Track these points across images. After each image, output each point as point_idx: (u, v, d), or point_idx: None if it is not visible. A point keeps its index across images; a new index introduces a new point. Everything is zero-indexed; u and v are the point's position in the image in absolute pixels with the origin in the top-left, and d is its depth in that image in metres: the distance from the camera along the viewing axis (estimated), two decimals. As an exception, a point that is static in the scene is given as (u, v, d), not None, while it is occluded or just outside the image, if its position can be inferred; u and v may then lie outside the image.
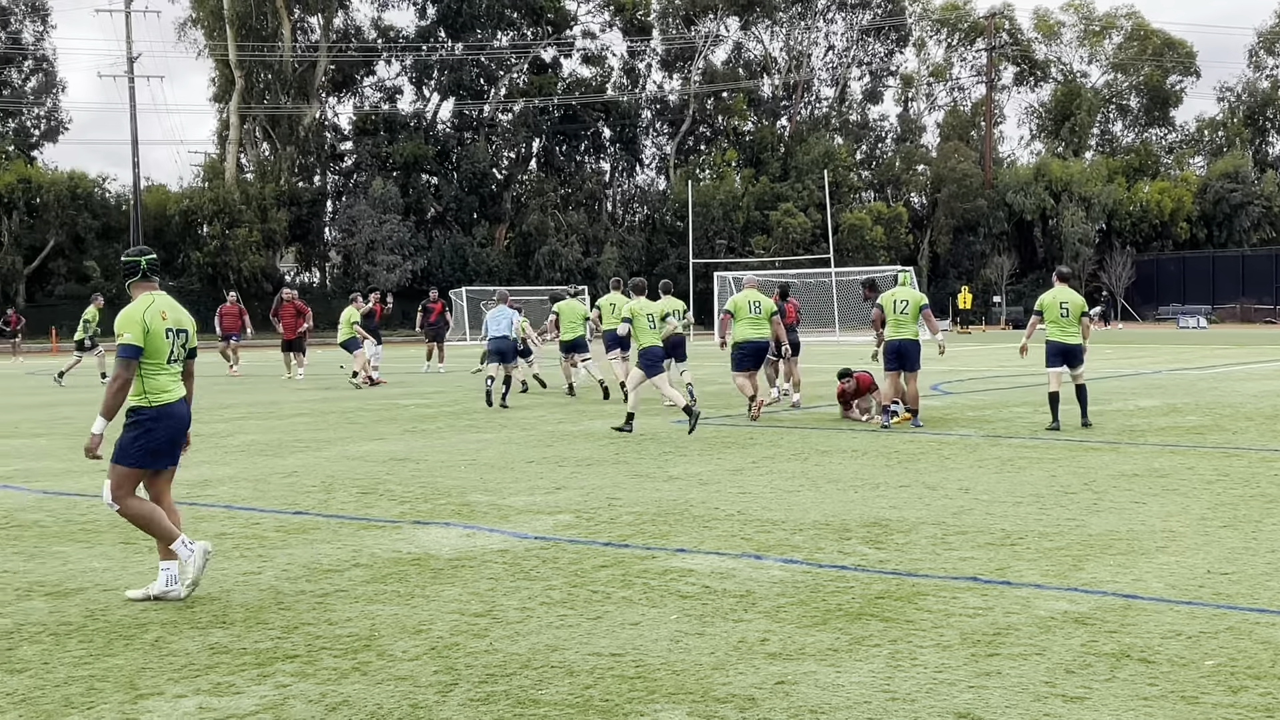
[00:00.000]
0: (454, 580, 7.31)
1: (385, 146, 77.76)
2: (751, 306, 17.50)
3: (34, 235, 69.83)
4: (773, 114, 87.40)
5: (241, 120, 76.16)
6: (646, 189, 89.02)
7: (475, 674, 5.50)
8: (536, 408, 19.59)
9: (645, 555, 7.96)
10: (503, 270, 76.99)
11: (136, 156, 68.88)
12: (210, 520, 9.41)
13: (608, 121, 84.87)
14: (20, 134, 75.96)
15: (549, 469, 12.24)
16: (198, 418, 18.46)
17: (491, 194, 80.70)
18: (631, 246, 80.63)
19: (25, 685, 5.38)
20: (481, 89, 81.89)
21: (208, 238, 70.81)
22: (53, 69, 76.79)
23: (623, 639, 6.02)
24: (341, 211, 77.48)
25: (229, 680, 5.45)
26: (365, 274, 71.30)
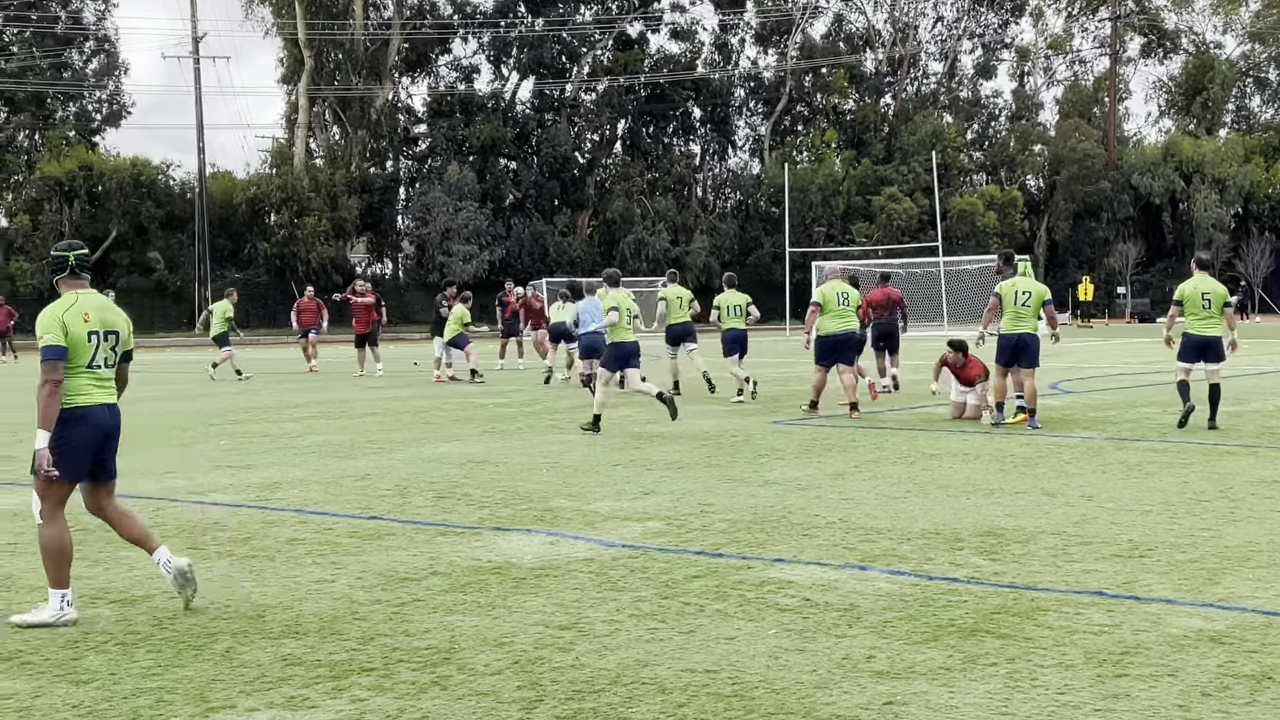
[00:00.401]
0: (537, 590, 7.36)
1: (461, 129, 78.32)
2: (840, 298, 17.67)
3: (95, 225, 71.13)
4: (876, 91, 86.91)
5: (311, 102, 77.10)
6: (739, 173, 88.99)
7: (561, 690, 5.54)
8: (623, 407, 19.64)
9: (741, 565, 7.96)
10: (585, 261, 77.23)
11: (202, 142, 70.01)
12: (281, 525, 9.55)
13: (698, 101, 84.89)
14: (81, 118, 77.41)
15: (636, 473, 12.27)
16: (265, 417, 18.78)
17: (574, 179, 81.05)
18: (723, 235, 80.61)
19: (92, 697, 5.50)
20: (563, 67, 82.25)
21: (275, 227, 71.72)
22: (114, 50, 78.18)
23: (718, 654, 6.03)
24: (415, 199, 78.21)
25: (303, 693, 5.53)
26: (440, 265, 71.97)
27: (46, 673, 5.84)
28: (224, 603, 7.12)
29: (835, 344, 17.61)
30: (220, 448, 14.94)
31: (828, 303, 17.63)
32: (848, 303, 17.72)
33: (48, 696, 5.51)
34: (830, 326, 17.59)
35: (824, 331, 17.62)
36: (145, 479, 12.28)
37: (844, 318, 17.66)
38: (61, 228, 69.32)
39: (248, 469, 12.95)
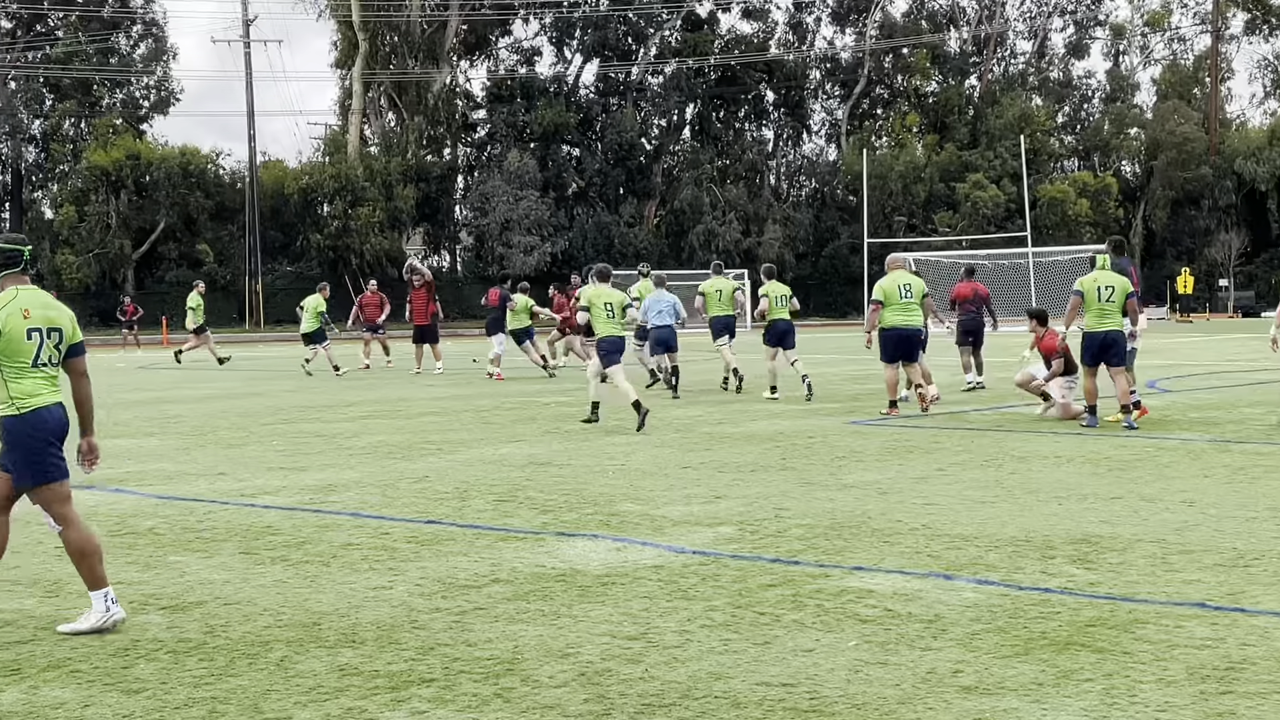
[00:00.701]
0: (604, 599, 7.37)
1: (522, 115, 78.57)
2: (902, 291, 17.74)
3: (143, 216, 71.97)
4: (960, 72, 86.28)
5: (365, 88, 77.60)
6: (815, 159, 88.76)
7: (629, 703, 5.55)
8: (692, 406, 19.65)
9: (818, 573, 7.94)
10: (652, 252, 77.20)
11: (252, 129, 70.72)
12: (336, 529, 9.64)
13: (771, 84, 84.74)
14: (128, 105, 78.30)
15: (707, 475, 12.27)
16: (318, 417, 18.94)
17: (640, 167, 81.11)
18: (797, 224, 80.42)
19: (143, 707, 5.57)
20: (629, 49, 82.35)
21: (328, 218, 72.22)
22: (163, 34, 79.03)
23: (794, 667, 6.02)
24: (473, 188, 78.57)
25: (360, 705, 5.57)
26: (499, 257, 72.24)
27: (96, 681, 5.92)
28: (278, 609, 7.19)
29: (900, 339, 17.72)
30: (273, 448, 15.09)
31: (889, 297, 17.73)
32: (910, 295, 17.79)
33: (97, 706, 5.58)
34: (894, 321, 17.70)
35: (887, 325, 17.74)
36: (195, 480, 12.42)
37: (907, 311, 17.78)
38: (108, 219, 70.20)
39: (301, 470, 13.07)
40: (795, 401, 20.08)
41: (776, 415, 18.05)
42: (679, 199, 79.01)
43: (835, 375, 26.21)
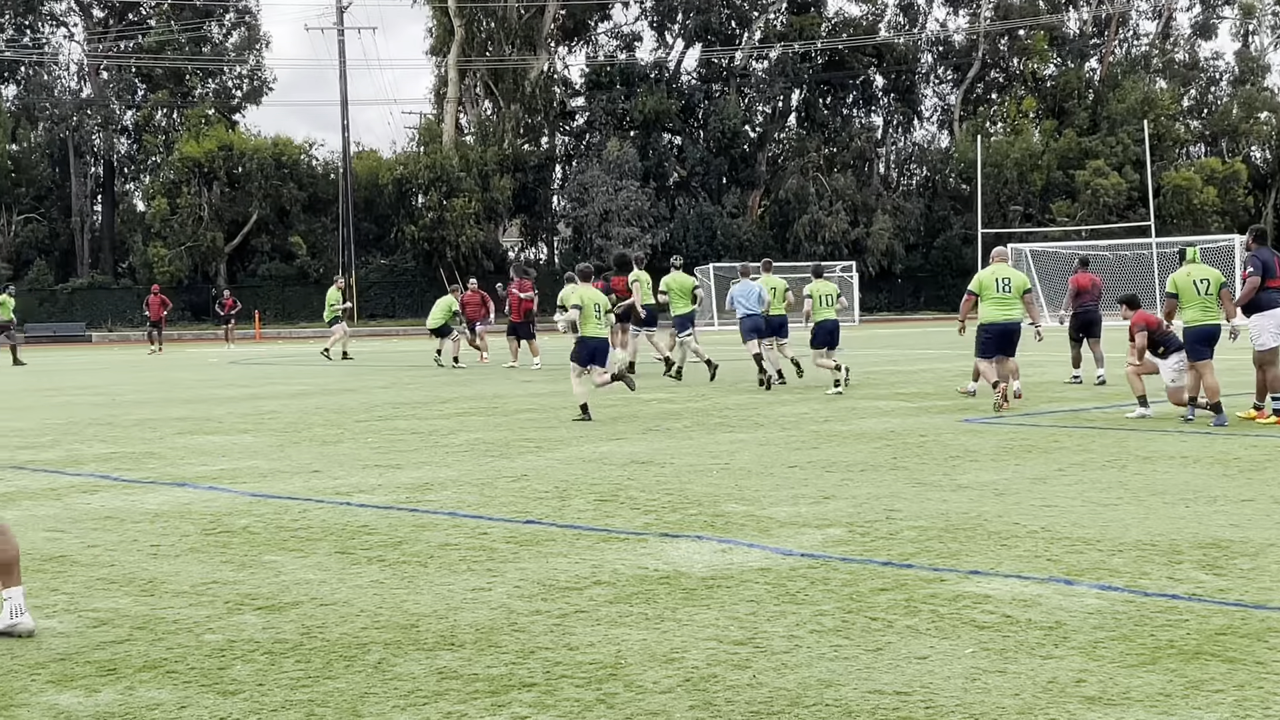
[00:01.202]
0: (709, 602, 7.37)
1: (622, 102, 78.76)
2: (1000, 284, 17.97)
3: (235, 208, 72.97)
4: (1080, 55, 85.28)
5: (461, 75, 78.17)
6: (926, 147, 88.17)
7: (737, 711, 5.54)
8: (798, 403, 19.59)
9: (932, 577, 7.88)
10: (756, 243, 77.14)
11: (346, 119, 71.45)
12: (433, 529, 9.71)
13: (880, 68, 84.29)
14: (221, 95, 79.44)
15: (815, 475, 12.23)
16: (413, 413, 19.11)
17: (743, 155, 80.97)
18: (907, 214, 79.96)
19: (239, 709, 5.65)
20: (732, 33, 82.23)
21: (423, 209, 72.81)
22: (256, 23, 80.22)
23: (909, 675, 5.98)
24: (572, 178, 78.84)
25: (460, 709, 5.61)
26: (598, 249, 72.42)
27: (193, 682, 6.01)
28: (375, 611, 7.27)
29: (998, 333, 17.98)
30: (368, 445, 15.24)
31: (985, 289, 17.99)
32: (1009, 289, 17.99)
33: (194, 707, 5.67)
34: (991, 315, 17.97)
35: (985, 320, 18.01)
36: (290, 478, 12.58)
37: (1005, 305, 17.99)
38: (200, 211, 71.28)
39: (397, 468, 13.19)
40: (906, 399, 19.96)
41: (886, 413, 17.95)
42: (784, 188, 78.85)
43: (948, 371, 25.99)
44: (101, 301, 72.06)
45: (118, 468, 13.61)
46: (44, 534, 9.75)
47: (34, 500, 11.46)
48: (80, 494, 11.79)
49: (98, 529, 9.93)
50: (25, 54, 78.03)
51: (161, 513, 10.60)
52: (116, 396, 24.03)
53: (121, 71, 78.54)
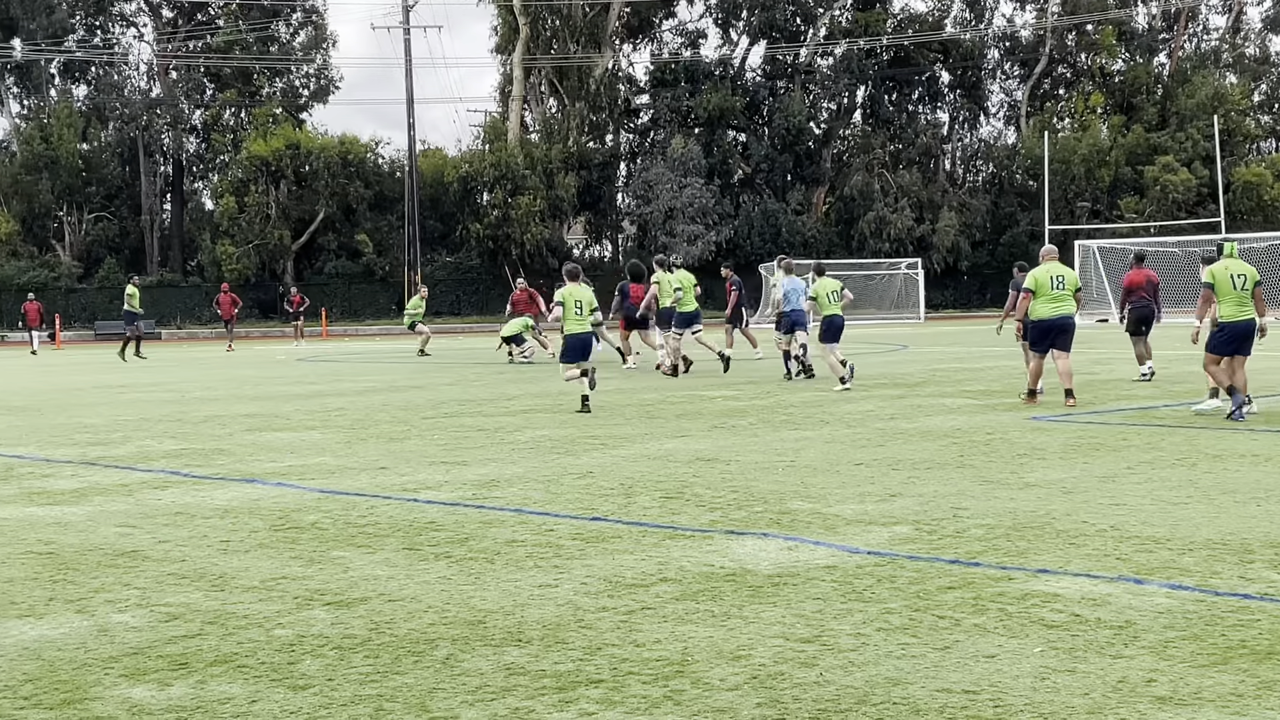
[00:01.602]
0: (775, 600, 7.37)
1: (686, 99, 78.72)
2: (1054, 282, 18.25)
3: (302, 207, 73.49)
4: (1148, 49, 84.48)
5: (526, 73, 78.39)
6: (992, 143, 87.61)
7: (804, 709, 5.54)
8: (864, 400, 19.53)
9: (1000, 576, 7.84)
10: (821, 241, 76.98)
11: (412, 117, 71.78)
12: (500, 525, 9.75)
13: (946, 64, 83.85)
14: (288, 94, 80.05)
15: (881, 472, 12.19)
16: (479, 410, 19.19)
17: (808, 152, 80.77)
18: (973, 211, 79.50)
19: (309, 703, 5.69)
20: (797, 30, 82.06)
21: (488, 207, 73.06)
22: (323, 22, 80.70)
23: (977, 674, 5.96)
24: (636, 175, 78.89)
25: (528, 705, 5.64)
26: (662, 246, 72.41)
27: (263, 677, 6.07)
28: (443, 607, 7.31)
29: (1049, 329, 18.23)
30: (434, 442, 15.32)
31: (1040, 287, 18.23)
32: (1062, 286, 18.27)
33: (264, 702, 5.72)
34: (1043, 311, 18.23)
35: (1037, 316, 18.27)
36: (357, 475, 12.66)
37: (1058, 302, 18.21)
38: (268, 209, 71.83)
39: (463, 465, 13.25)
40: (973, 396, 19.86)
41: (952, 411, 17.87)
42: (849, 185, 78.59)
43: (1014, 369, 25.82)
44: (171, 299, 72.76)
45: (188, 464, 13.76)
46: (116, 529, 9.87)
47: (106, 496, 11.60)
48: (151, 490, 11.92)
49: (168, 524, 10.04)
50: (96, 54, 78.92)
51: (231, 509, 10.71)
52: (186, 393, 24.27)
53: (190, 71, 79.30)
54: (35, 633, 6.90)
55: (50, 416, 19.94)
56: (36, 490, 12.04)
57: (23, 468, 13.75)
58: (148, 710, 5.62)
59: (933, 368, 25.76)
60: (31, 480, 12.75)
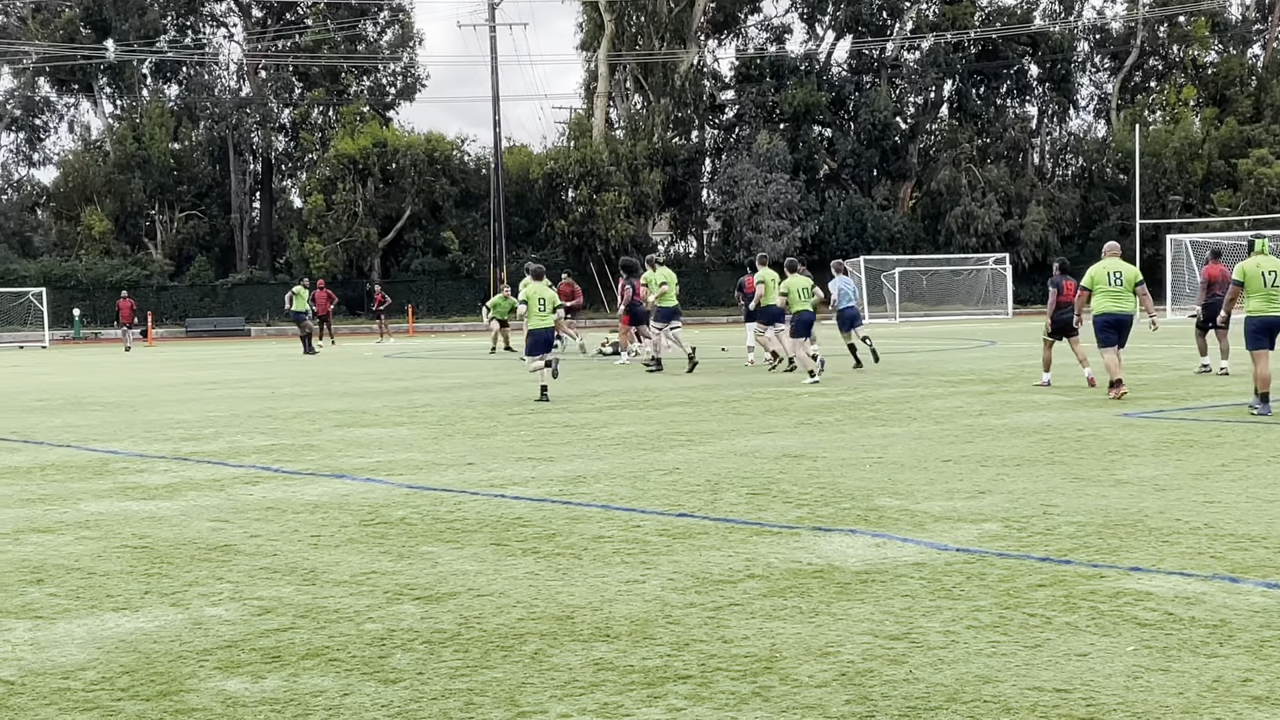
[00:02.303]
0: (863, 596, 7.34)
1: (771, 95, 78.55)
2: (1111, 277, 18.63)
3: (389, 204, 74.03)
4: (1242, 41, 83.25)
5: (611, 70, 78.53)
6: (1082, 136, 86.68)
7: (893, 706, 5.52)
8: (952, 396, 19.41)
9: (1091, 574, 7.77)
10: (907, 236, 76.55)
11: (498, 114, 72.06)
12: (586, 521, 9.79)
13: (1035, 57, 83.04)
14: (375, 92, 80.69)
15: (970, 469, 12.11)
16: (565, 407, 19.26)
17: (894, 147, 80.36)
18: (1062, 205, 78.71)
19: (400, 697, 5.75)
20: (884, 24, 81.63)
21: (573, 203, 73.24)
22: (409, 20, 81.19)
23: (1068, 672, 5.91)
24: (721, 171, 78.83)
25: (616, 700, 5.66)
26: (747, 242, 72.33)
27: (354, 670, 6.13)
28: (531, 602, 7.35)
29: (1109, 323, 18.58)
30: (520, 438, 15.39)
31: (1097, 282, 18.68)
32: (1120, 281, 18.61)
33: (356, 695, 5.78)
34: (1104, 306, 18.63)
35: (1097, 310, 18.70)
36: (444, 470, 12.75)
37: (1117, 296, 18.61)
38: (355, 207, 72.42)
39: (549, 461, 13.31)
40: (1063, 392, 19.68)
41: (1042, 407, 17.72)
42: (935, 180, 78.08)
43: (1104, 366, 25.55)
44: (260, 296, 73.54)
45: (278, 459, 13.91)
46: (209, 524, 10.00)
47: (199, 491, 11.75)
48: (243, 485, 12.07)
49: (260, 519, 10.16)
50: (187, 54, 79.91)
51: (321, 504, 10.82)
52: (275, 390, 24.53)
53: (279, 70, 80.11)
54: (131, 625, 7.01)
55: (144, 412, 20.23)
56: (131, 485, 12.23)
57: (118, 463, 13.97)
58: (242, 702, 5.70)
59: (1021, 364, 25.51)
60: (126, 475, 12.95)
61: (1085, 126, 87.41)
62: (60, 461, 14.18)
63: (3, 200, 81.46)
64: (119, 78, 79.69)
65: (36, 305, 62.61)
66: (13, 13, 78.22)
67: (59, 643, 6.70)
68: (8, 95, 79.74)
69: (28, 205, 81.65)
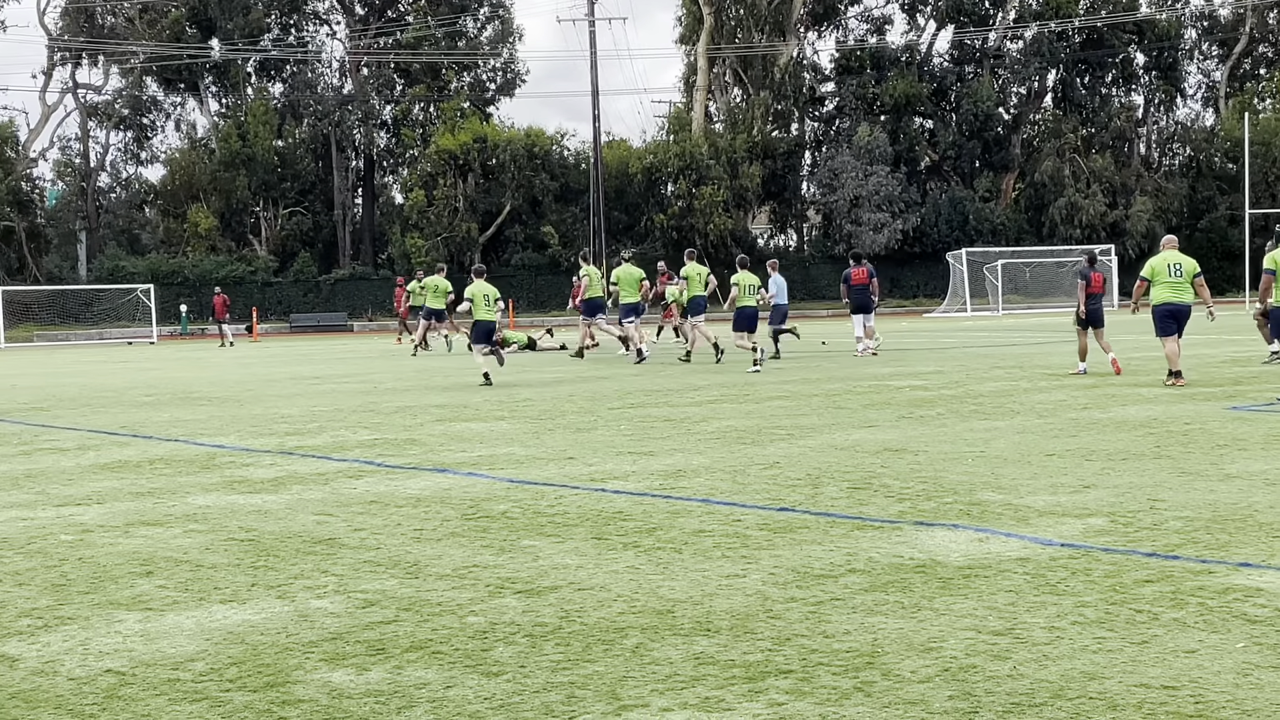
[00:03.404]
0: (966, 592, 7.29)
1: (872, 86, 78.14)
2: (1171, 269, 19.41)
3: (489, 200, 74.48)
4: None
5: (710, 63, 78.47)
6: (1189, 126, 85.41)
7: (997, 702, 5.48)
8: (1055, 390, 19.21)
9: (1200, 569, 7.67)
10: (1010, 227, 75.83)
11: (597, 109, 72.23)
12: (687, 515, 9.80)
13: (1141, 45, 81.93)
14: (475, 88, 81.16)
15: (1074, 463, 11.98)
16: (665, 401, 19.27)
17: (997, 138, 79.61)
18: (1169, 196, 77.62)
19: (503, 689, 5.79)
20: (986, 13, 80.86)
21: (672, 197, 73.29)
22: (509, 16, 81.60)
23: (1176, 669, 5.84)
24: (821, 164, 78.54)
25: (718, 695, 5.66)
26: (847, 235, 72.01)
27: (458, 663, 6.18)
28: (632, 596, 7.37)
29: (1168, 313, 19.48)
30: (620, 432, 15.43)
31: (1157, 274, 19.47)
32: (1180, 274, 19.34)
33: (459, 688, 5.83)
34: (1163, 297, 19.47)
35: (1158, 301, 19.52)
36: (545, 465, 12.81)
37: (1176, 288, 19.38)
38: (456, 203, 72.93)
39: (649, 455, 13.32)
40: (1169, 387, 19.41)
41: (1149, 400, 17.49)
42: (1039, 171, 77.29)
43: (1214, 357, 25.21)
44: (362, 291, 74.30)
45: (381, 454, 14.05)
46: (313, 517, 10.12)
47: (303, 485, 11.90)
48: (346, 479, 12.20)
49: (363, 513, 10.27)
50: (290, 52, 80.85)
51: (423, 498, 10.91)
52: (377, 384, 24.77)
53: (380, 67, 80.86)
54: (239, 617, 7.12)
55: (249, 407, 20.51)
56: (238, 479, 12.41)
57: (224, 457, 14.17)
58: (347, 694, 5.77)
59: (1127, 355, 25.17)
60: (233, 469, 13.14)
61: (1193, 115, 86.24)
62: (169, 456, 14.42)
63: (112, 198, 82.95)
64: (224, 76, 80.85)
65: (144, 302, 63.67)
66: (120, 13, 79.56)
67: (168, 634, 6.81)
68: (116, 95, 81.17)
69: (136, 203, 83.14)
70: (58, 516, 10.49)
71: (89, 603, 7.56)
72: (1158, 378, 20.31)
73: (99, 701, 5.77)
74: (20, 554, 9.00)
